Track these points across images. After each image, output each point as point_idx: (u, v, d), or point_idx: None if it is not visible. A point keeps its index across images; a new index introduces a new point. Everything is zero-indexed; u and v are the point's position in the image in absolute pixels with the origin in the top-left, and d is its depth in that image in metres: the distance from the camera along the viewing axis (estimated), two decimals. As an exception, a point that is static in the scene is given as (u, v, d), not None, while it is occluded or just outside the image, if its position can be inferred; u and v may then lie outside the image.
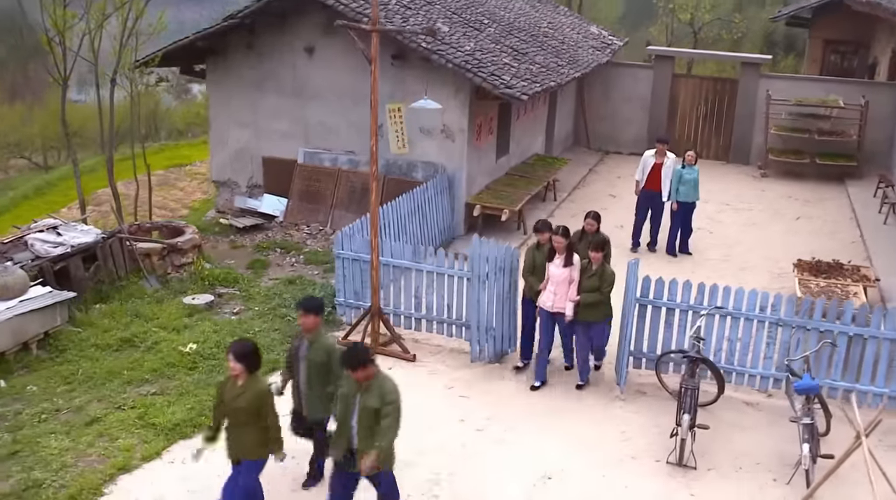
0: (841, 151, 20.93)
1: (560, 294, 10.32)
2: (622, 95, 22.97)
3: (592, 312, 10.37)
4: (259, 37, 16.17)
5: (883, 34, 24.38)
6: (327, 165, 16.36)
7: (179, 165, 35.28)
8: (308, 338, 8.22)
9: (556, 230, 10.38)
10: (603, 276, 10.24)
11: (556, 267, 10.32)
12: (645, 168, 15.38)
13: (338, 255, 12.21)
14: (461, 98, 15.29)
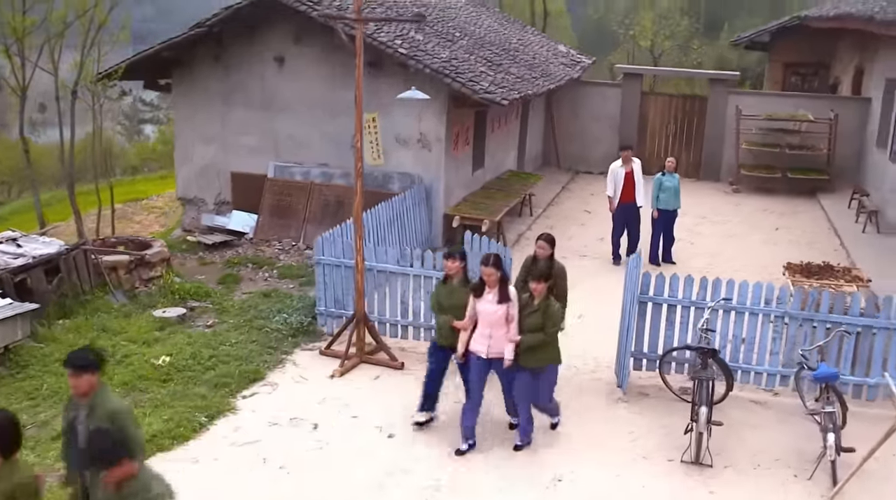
0: (812, 165, 20.93)
1: (497, 337, 8.45)
2: (591, 114, 22.80)
3: (535, 356, 8.50)
4: (227, 48, 15.66)
5: (845, 53, 24.62)
6: (299, 179, 15.80)
7: (136, 199, 34.43)
8: (85, 405, 6.05)
9: (485, 260, 8.42)
10: (547, 312, 8.40)
11: (489, 304, 8.40)
12: (616, 181, 15.04)
13: (318, 261, 11.63)
14: (438, 106, 14.89)
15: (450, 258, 8.89)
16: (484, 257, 8.55)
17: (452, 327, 8.71)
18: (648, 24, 33.52)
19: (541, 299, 8.46)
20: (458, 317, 8.65)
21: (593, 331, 12.10)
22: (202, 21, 14.89)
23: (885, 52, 19.69)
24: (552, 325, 8.47)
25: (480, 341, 8.54)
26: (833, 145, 20.66)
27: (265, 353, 11.02)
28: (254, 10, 14.71)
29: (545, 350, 8.55)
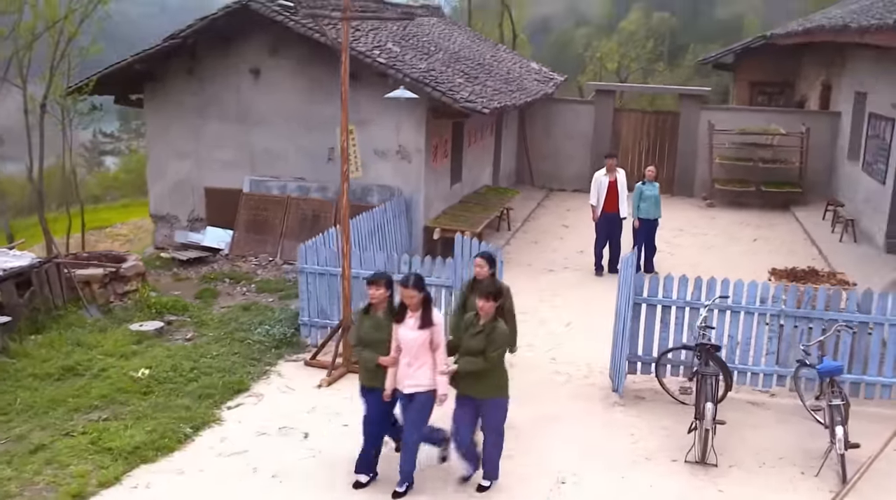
0: (785, 178, 21.05)
1: (419, 366, 7.40)
2: (564, 131, 22.77)
3: (477, 384, 7.47)
4: (201, 61, 15.37)
5: (811, 70, 24.93)
6: (275, 194, 15.49)
7: (100, 227, 33.88)
8: None
9: (405, 280, 7.40)
10: (492, 335, 7.35)
11: (410, 330, 7.37)
12: (600, 190, 14.96)
13: (301, 269, 11.33)
14: (417, 117, 14.71)
15: (373, 284, 7.68)
16: (403, 276, 7.50)
17: (378, 365, 7.55)
18: (615, 46, 33.77)
19: (487, 320, 7.40)
20: (383, 353, 7.52)
21: (583, 338, 11.96)
22: (176, 32, 14.59)
23: (852, 65, 19.92)
24: (494, 348, 7.35)
25: (402, 372, 7.47)
26: (805, 159, 20.81)
27: (248, 364, 10.67)
28: (229, 20, 14.45)
29: (488, 378, 7.47)
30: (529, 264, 15.59)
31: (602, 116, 22.43)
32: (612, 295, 13.62)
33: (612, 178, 14.82)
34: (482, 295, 7.43)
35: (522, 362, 10.97)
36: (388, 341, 7.54)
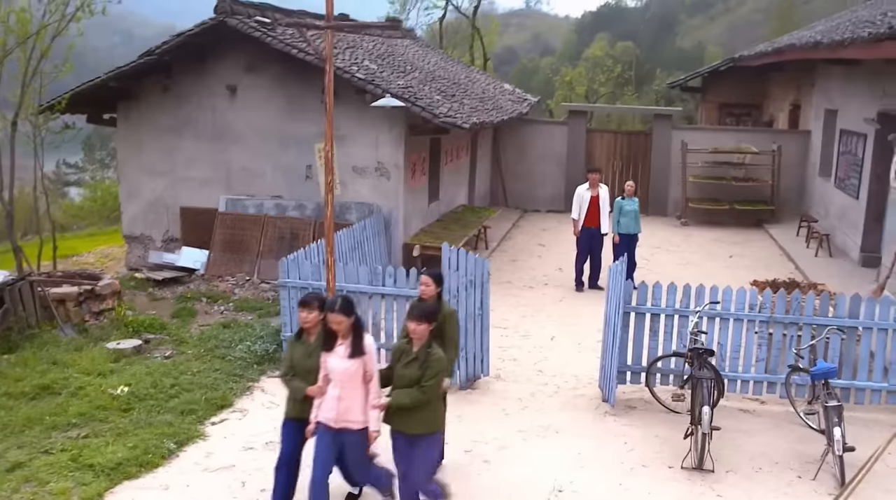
0: (757, 196, 21.24)
1: (349, 399, 6.67)
2: (537, 152, 22.82)
3: (410, 418, 6.70)
4: (176, 79, 15.21)
5: (779, 91, 25.30)
6: (252, 212, 15.29)
7: (65, 256, 33.30)
8: None
9: (332, 305, 6.65)
10: (427, 362, 6.63)
11: (339, 359, 6.64)
12: (582, 205, 14.97)
13: (283, 284, 11.12)
14: (396, 133, 14.65)
15: (305, 307, 6.92)
16: (330, 300, 6.80)
17: (306, 396, 6.84)
18: (582, 71, 34.09)
19: (421, 346, 6.67)
20: (313, 377, 6.80)
21: (568, 351, 11.89)
22: (151, 49, 14.43)
23: (822, 83, 20.22)
24: (430, 377, 6.61)
25: (329, 405, 6.70)
26: (777, 177, 21.02)
27: (231, 380, 10.43)
28: (206, 37, 14.32)
29: (422, 411, 6.70)
30: (509, 282, 15.50)
31: (575, 136, 22.53)
32: (594, 309, 13.70)
33: (595, 193, 14.83)
34: (413, 317, 6.69)
35: (509, 375, 10.89)
36: None
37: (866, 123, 15.68)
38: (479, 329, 10.37)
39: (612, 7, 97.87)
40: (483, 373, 10.52)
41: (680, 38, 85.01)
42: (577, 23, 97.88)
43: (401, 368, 6.75)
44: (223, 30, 14.18)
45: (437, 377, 6.69)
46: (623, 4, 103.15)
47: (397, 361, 6.83)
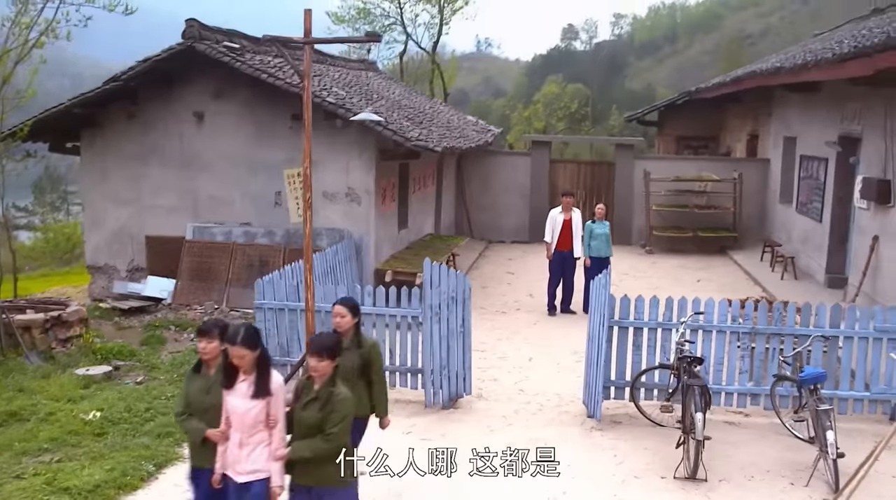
0: (720, 223, 21.51)
1: (253, 446, 5.77)
2: (501, 184, 22.90)
3: (316, 468, 5.76)
4: (142, 106, 15.00)
5: (736, 122, 25.79)
6: (220, 240, 15.04)
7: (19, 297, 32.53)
8: None
9: (234, 337, 5.64)
10: (330, 404, 5.69)
11: (240, 399, 5.72)
12: (555, 228, 15.01)
13: (259, 305, 10.89)
14: (366, 158, 14.58)
15: (204, 336, 6.00)
16: (232, 330, 5.77)
17: (206, 440, 5.90)
18: (540, 107, 34.48)
19: (324, 385, 5.77)
20: (217, 424, 5.88)
21: (547, 371, 11.82)
22: (117, 75, 14.22)
23: (780, 112, 20.63)
24: (335, 422, 5.65)
25: (231, 454, 5.82)
26: (739, 204, 21.30)
27: (206, 405, 10.12)
28: (173, 62, 14.16)
29: (329, 462, 5.75)
30: (482, 307, 15.39)
31: (538, 167, 22.65)
32: (568, 332, 13.70)
33: (567, 216, 14.87)
34: (313, 352, 5.78)
35: (490, 394, 10.76)
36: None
37: (828, 147, 15.99)
38: (461, 347, 10.23)
39: (562, 50, 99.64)
40: (465, 392, 10.36)
41: (629, 79, 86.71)
42: (528, 66, 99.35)
43: (299, 409, 5.80)
44: (191, 55, 14.04)
45: (343, 422, 5.70)
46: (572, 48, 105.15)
47: (296, 400, 5.88)
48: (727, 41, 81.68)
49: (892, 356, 9.42)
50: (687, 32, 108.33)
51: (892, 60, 10.80)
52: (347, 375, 6.40)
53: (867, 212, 14.24)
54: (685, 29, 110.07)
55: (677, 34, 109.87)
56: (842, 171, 16.05)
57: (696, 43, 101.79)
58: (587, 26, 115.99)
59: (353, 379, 6.59)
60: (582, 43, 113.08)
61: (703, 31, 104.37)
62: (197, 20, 14.07)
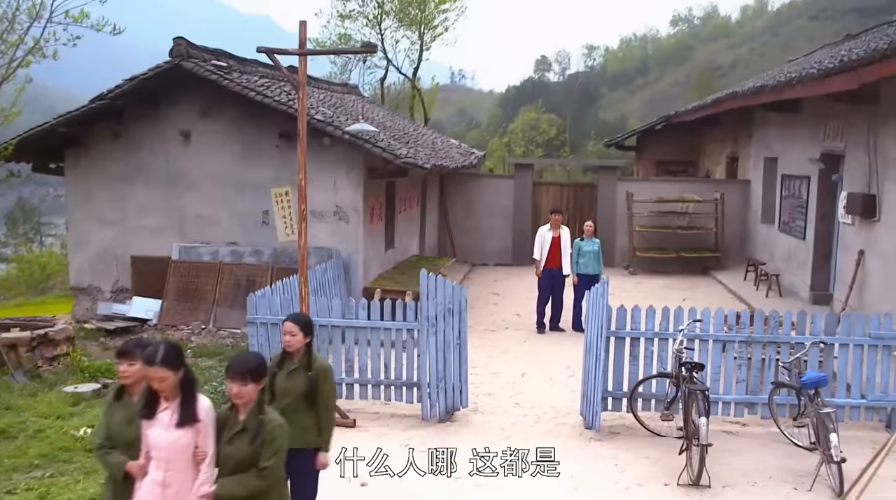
0: (702, 244, 21.63)
1: (178, 484, 5.04)
2: (485, 206, 22.93)
3: None
4: (127, 125, 14.92)
5: (715, 146, 26.06)
6: (207, 260, 14.91)
7: (2, 317, 32.16)
8: None
9: (152, 357, 5.01)
10: (261, 433, 5.04)
11: (162, 429, 5.03)
12: (543, 245, 15.03)
13: (252, 320, 10.76)
14: (354, 176, 14.56)
15: (125, 358, 5.36)
16: (150, 349, 5.13)
17: (128, 476, 5.21)
18: (519, 133, 34.73)
19: (250, 414, 5.06)
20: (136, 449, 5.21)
21: (541, 385, 11.78)
22: (104, 93, 14.15)
23: (760, 133, 20.88)
24: (268, 456, 5.01)
25: (151, 492, 5.06)
26: (721, 224, 21.46)
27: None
28: (160, 81, 14.11)
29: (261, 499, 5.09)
30: (471, 326, 15.04)
31: (521, 190, 22.72)
32: (559, 349, 13.69)
33: (556, 234, 14.90)
34: (234, 375, 5.05)
35: (486, 408, 10.69)
36: None
37: (811, 164, 16.16)
38: (458, 359, 10.17)
39: (536, 81, 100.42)
40: (462, 405, 10.28)
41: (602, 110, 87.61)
42: (502, 97, 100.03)
43: (225, 444, 5.06)
44: (178, 73, 14.01)
45: (278, 455, 5.07)
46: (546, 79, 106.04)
47: (219, 435, 5.10)
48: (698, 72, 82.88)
49: (895, 355, 9.46)
50: (658, 64, 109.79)
51: (877, 73, 10.98)
52: (293, 400, 6.05)
53: (852, 227, 14.38)
54: (656, 61, 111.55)
55: (649, 66, 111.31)
56: (824, 188, 16.23)
57: (667, 74, 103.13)
58: (560, 58, 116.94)
59: (299, 406, 6.12)
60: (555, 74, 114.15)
61: (675, 62, 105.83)
62: (184, 38, 14.07)
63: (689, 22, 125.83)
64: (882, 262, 13.06)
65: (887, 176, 12.97)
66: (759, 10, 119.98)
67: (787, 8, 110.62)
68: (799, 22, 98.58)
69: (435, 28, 27.02)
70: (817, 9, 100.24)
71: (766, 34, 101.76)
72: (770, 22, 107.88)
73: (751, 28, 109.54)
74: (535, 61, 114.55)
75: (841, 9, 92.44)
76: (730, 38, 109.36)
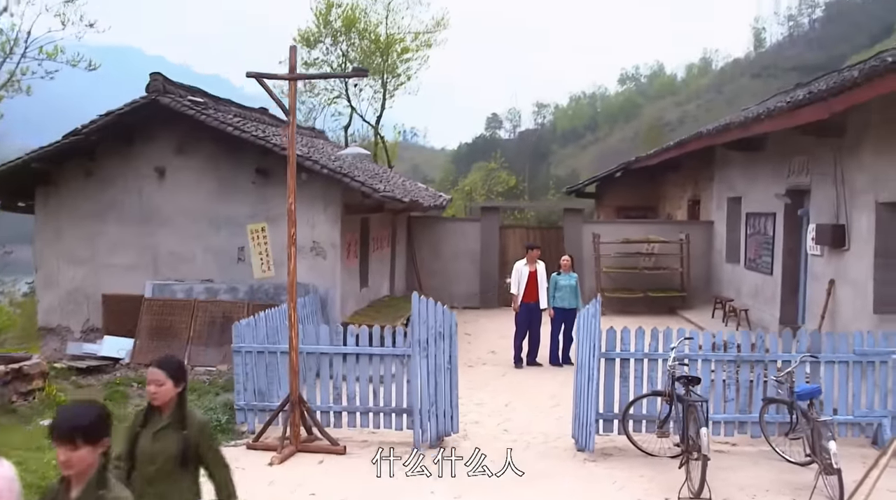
0: (668, 284, 21.89)
1: None
2: (452, 250, 22.98)
3: None
4: (100, 162, 14.78)
5: (675, 190, 26.56)
6: (181, 297, 14.69)
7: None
8: None
9: None
10: None
11: None
12: (521, 280, 15.11)
13: (237, 349, 10.61)
14: (332, 212, 14.55)
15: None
16: None
17: None
18: (479, 181, 35.08)
19: (85, 488, 3.82)
20: None
21: (527, 413, 11.75)
22: (78, 129, 14.02)
23: (723, 174, 21.34)
24: None
25: None
26: (687, 264, 21.76)
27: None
28: (136, 116, 14.04)
29: None
30: (447, 362, 15.27)
31: (488, 233, 22.85)
32: (539, 382, 13.71)
33: (533, 268, 15.00)
34: (58, 437, 3.81)
35: (475, 435, 10.62)
36: None
37: (777, 199, 16.53)
38: (449, 384, 10.13)
39: (487, 139, 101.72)
40: (453, 430, 10.20)
41: (554, 166, 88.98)
42: (454, 154, 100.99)
43: None
44: (155, 109, 13.96)
45: None
46: (497, 136, 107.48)
47: None
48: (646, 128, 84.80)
49: (893, 358, 9.64)
50: (607, 121, 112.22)
51: (847, 102, 11.36)
52: (163, 466, 4.95)
53: (821, 258, 14.68)
54: (605, 118, 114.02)
55: (598, 123, 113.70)
56: (790, 223, 16.60)
57: (616, 131, 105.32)
58: (511, 115, 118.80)
59: (172, 472, 4.98)
60: (506, 132, 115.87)
61: (623, 119, 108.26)
62: (161, 74, 14.05)
63: (636, 80, 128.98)
64: (853, 289, 13.34)
65: (855, 205, 13.32)
66: (704, 68, 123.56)
67: (730, 66, 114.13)
68: (742, 80, 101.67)
69: (398, 76, 27.40)
70: (759, 67, 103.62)
71: (711, 91, 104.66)
72: (714, 80, 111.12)
73: (696, 86, 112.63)
74: (486, 119, 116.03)
75: (782, 67, 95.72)
76: (676, 95, 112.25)
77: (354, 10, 26.66)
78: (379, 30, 26.79)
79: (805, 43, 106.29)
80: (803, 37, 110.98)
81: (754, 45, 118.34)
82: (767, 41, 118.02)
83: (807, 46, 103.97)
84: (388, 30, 26.96)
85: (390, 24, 27.24)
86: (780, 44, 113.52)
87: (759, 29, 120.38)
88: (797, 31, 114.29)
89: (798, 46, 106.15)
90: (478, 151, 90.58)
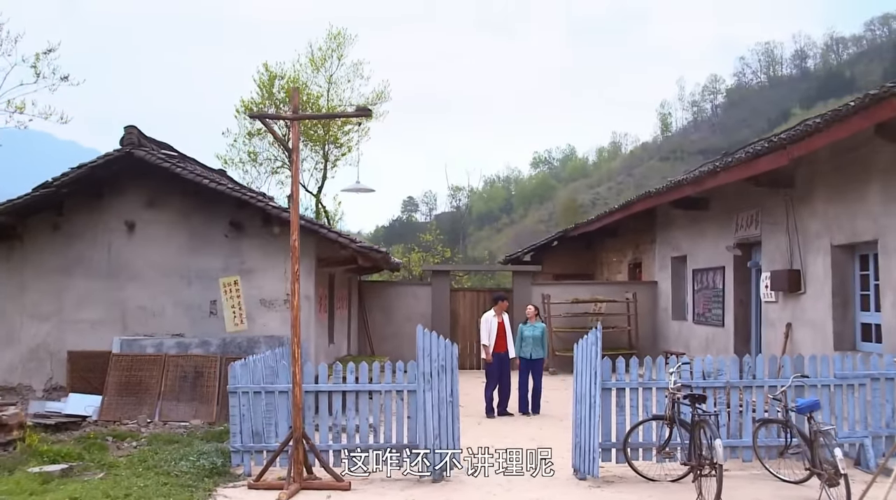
0: (617, 343, 22.41)
1: None
2: (403, 313, 23.11)
3: None
4: (68, 216, 14.60)
5: (613, 255, 27.39)
6: (150, 353, 14.44)
7: None
8: None
9: None
10: None
11: None
12: (491, 331, 15.39)
13: (233, 390, 10.54)
14: (305, 264, 14.60)
15: None
16: None
17: None
18: (416, 258, 35.44)
19: None
20: None
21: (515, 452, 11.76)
22: (48, 182, 13.87)
23: (665, 235, 22.18)
24: None
25: None
26: (635, 322, 22.37)
27: (185, 492, 9.53)
28: (108, 169, 13.99)
29: None
30: (419, 414, 15.29)
31: (439, 296, 23.11)
32: (516, 426, 13.94)
33: (500, 319, 15.30)
34: None
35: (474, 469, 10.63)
36: None
37: (728, 251, 17.30)
38: (451, 417, 10.24)
39: (403, 222, 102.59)
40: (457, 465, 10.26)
41: (471, 248, 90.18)
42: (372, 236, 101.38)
43: None
44: (128, 162, 13.96)
45: None
46: (413, 219, 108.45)
47: None
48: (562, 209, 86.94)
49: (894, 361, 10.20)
50: (522, 203, 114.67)
51: (807, 148, 12.17)
52: None
53: (776, 304, 15.38)
54: (520, 200, 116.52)
55: (513, 205, 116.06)
56: (740, 275, 17.37)
57: (531, 212, 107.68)
58: (427, 198, 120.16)
59: None
60: (422, 214, 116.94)
61: (538, 201, 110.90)
62: (136, 127, 14.09)
63: (549, 163, 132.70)
64: (812, 329, 14.01)
65: (809, 250, 14.10)
66: (614, 151, 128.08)
67: (639, 150, 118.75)
68: (651, 163, 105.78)
69: (340, 146, 27.73)
70: (667, 150, 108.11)
71: (621, 174, 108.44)
72: (624, 163, 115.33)
73: (607, 168, 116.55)
74: (402, 202, 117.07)
75: (688, 150, 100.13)
76: (588, 177, 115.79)
77: (296, 81, 27.11)
78: (321, 101, 27.30)
79: (709, 127, 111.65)
80: (706, 121, 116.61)
81: (661, 129, 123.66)
82: (673, 125, 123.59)
83: (710, 131, 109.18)
84: (329, 102, 27.48)
85: (331, 96, 27.85)
86: (686, 128, 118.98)
87: (665, 114, 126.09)
88: (701, 117, 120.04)
89: (702, 131, 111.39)
90: (395, 233, 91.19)
